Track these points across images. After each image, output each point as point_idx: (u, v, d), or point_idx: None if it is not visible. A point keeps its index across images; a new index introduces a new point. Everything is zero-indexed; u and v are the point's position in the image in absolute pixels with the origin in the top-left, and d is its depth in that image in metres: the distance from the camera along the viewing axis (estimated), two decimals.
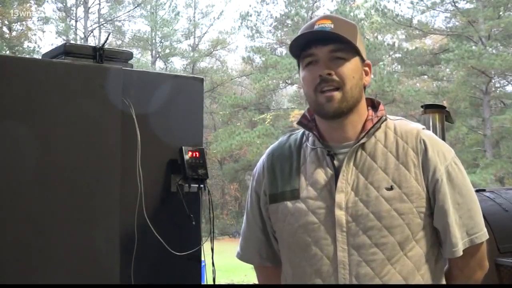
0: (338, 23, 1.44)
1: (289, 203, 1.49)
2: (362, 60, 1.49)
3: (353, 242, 1.40)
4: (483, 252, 1.51)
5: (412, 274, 1.41)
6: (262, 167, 1.60)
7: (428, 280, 1.43)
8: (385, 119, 1.51)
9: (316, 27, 1.44)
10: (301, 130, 1.59)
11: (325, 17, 1.47)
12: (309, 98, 1.47)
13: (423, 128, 1.51)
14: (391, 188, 1.41)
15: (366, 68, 1.51)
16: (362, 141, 1.46)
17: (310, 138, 1.54)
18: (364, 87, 1.51)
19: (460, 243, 1.43)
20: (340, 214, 1.42)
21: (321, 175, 1.47)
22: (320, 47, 1.43)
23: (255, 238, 1.62)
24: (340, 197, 1.43)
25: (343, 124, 1.48)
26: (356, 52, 1.45)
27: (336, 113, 1.44)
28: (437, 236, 1.47)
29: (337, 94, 1.42)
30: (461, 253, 1.44)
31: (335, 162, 1.47)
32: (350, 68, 1.44)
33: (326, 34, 1.42)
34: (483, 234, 1.47)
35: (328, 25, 1.43)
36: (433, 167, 1.43)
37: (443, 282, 1.51)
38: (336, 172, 1.46)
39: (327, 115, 1.45)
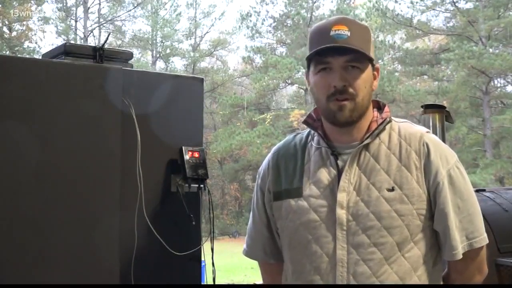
0: (354, 30, 1.43)
1: (292, 201, 1.51)
2: (372, 65, 1.49)
3: (353, 241, 1.42)
4: (482, 256, 1.52)
5: (409, 274, 1.42)
6: (267, 165, 1.62)
7: (425, 282, 1.44)
8: (390, 121, 1.52)
9: (332, 33, 1.42)
10: (307, 129, 1.61)
11: (341, 22, 1.44)
12: (319, 103, 1.48)
13: (427, 132, 1.52)
14: (392, 189, 1.42)
15: (375, 72, 1.51)
16: (366, 142, 1.47)
17: (315, 138, 1.56)
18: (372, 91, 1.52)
19: (459, 247, 1.44)
20: (341, 213, 1.43)
21: (325, 174, 1.49)
22: (336, 56, 1.42)
23: (261, 235, 1.64)
24: (342, 197, 1.44)
25: (351, 128, 1.49)
26: (369, 60, 1.46)
27: (347, 122, 1.46)
28: (436, 239, 1.48)
29: (348, 104, 1.43)
30: (460, 256, 1.44)
31: (339, 162, 1.48)
32: (364, 78, 1.45)
33: (344, 46, 1.41)
34: (483, 239, 1.48)
35: (345, 32, 1.42)
36: (434, 170, 1.44)
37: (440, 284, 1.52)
38: (340, 171, 1.47)
39: (338, 124, 1.47)
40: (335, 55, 1.42)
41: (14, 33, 24.11)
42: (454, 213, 1.44)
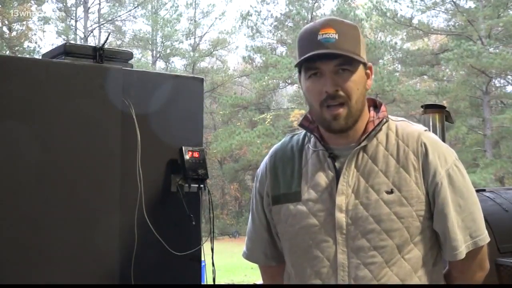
0: (342, 32, 1.40)
1: (290, 205, 1.49)
2: (364, 64, 1.46)
3: (352, 245, 1.41)
4: (484, 254, 1.51)
5: (409, 276, 1.41)
6: (265, 168, 1.61)
7: (425, 282, 1.43)
8: (387, 121, 1.49)
9: (320, 37, 1.40)
10: (304, 130, 1.58)
11: (329, 25, 1.41)
12: (313, 110, 1.46)
13: (425, 130, 1.50)
14: (391, 192, 1.41)
15: (368, 71, 1.49)
16: (363, 144, 1.45)
17: (312, 140, 1.54)
18: (366, 91, 1.49)
19: (462, 246, 1.43)
20: (341, 217, 1.42)
21: (322, 178, 1.47)
22: (326, 61, 1.40)
23: (261, 238, 1.62)
24: (340, 200, 1.43)
25: (346, 131, 1.47)
26: (360, 61, 1.44)
27: (343, 130, 1.44)
28: (436, 239, 1.47)
29: (343, 111, 1.40)
30: (463, 256, 1.43)
31: (337, 164, 1.47)
32: (356, 80, 1.42)
33: (333, 52, 1.38)
34: (485, 237, 1.47)
35: (333, 35, 1.39)
36: (433, 170, 1.43)
37: (442, 283, 1.51)
38: (337, 174, 1.46)
39: (333, 132, 1.45)
40: (324, 60, 1.40)
41: (14, 33, 24.12)
42: (456, 213, 1.43)
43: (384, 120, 1.48)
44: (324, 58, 1.40)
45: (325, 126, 1.45)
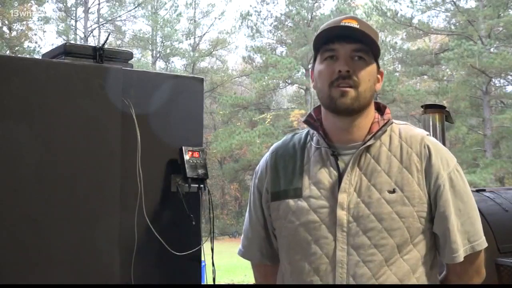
0: (363, 25, 1.46)
1: (291, 201, 1.50)
2: (378, 66, 1.50)
3: (353, 242, 1.41)
4: (481, 259, 1.52)
5: (407, 276, 1.42)
6: (265, 165, 1.61)
7: (423, 283, 1.44)
8: (392, 123, 1.52)
9: (342, 24, 1.45)
10: (306, 129, 1.60)
11: (351, 17, 1.48)
12: (321, 93, 1.48)
13: (428, 134, 1.52)
14: (393, 191, 1.42)
15: (379, 76, 1.52)
16: (369, 143, 1.46)
17: (315, 138, 1.55)
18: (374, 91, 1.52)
19: (461, 250, 1.44)
20: (342, 214, 1.43)
21: (325, 175, 1.48)
22: (343, 43, 1.44)
23: (257, 235, 1.63)
24: (342, 197, 1.44)
25: (351, 125, 1.48)
26: (374, 58, 1.47)
27: (348, 110, 1.45)
28: (434, 242, 1.49)
29: (351, 91, 1.43)
30: (461, 259, 1.45)
31: (339, 163, 1.48)
32: (368, 71, 1.45)
33: (353, 32, 1.43)
34: (483, 242, 1.48)
35: (355, 25, 1.44)
36: (436, 173, 1.44)
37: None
38: (340, 172, 1.47)
39: (339, 110, 1.45)
40: (342, 42, 1.44)
41: (14, 33, 24.11)
42: (456, 216, 1.44)
43: (390, 121, 1.51)
44: (343, 40, 1.43)
45: (331, 106, 1.46)
